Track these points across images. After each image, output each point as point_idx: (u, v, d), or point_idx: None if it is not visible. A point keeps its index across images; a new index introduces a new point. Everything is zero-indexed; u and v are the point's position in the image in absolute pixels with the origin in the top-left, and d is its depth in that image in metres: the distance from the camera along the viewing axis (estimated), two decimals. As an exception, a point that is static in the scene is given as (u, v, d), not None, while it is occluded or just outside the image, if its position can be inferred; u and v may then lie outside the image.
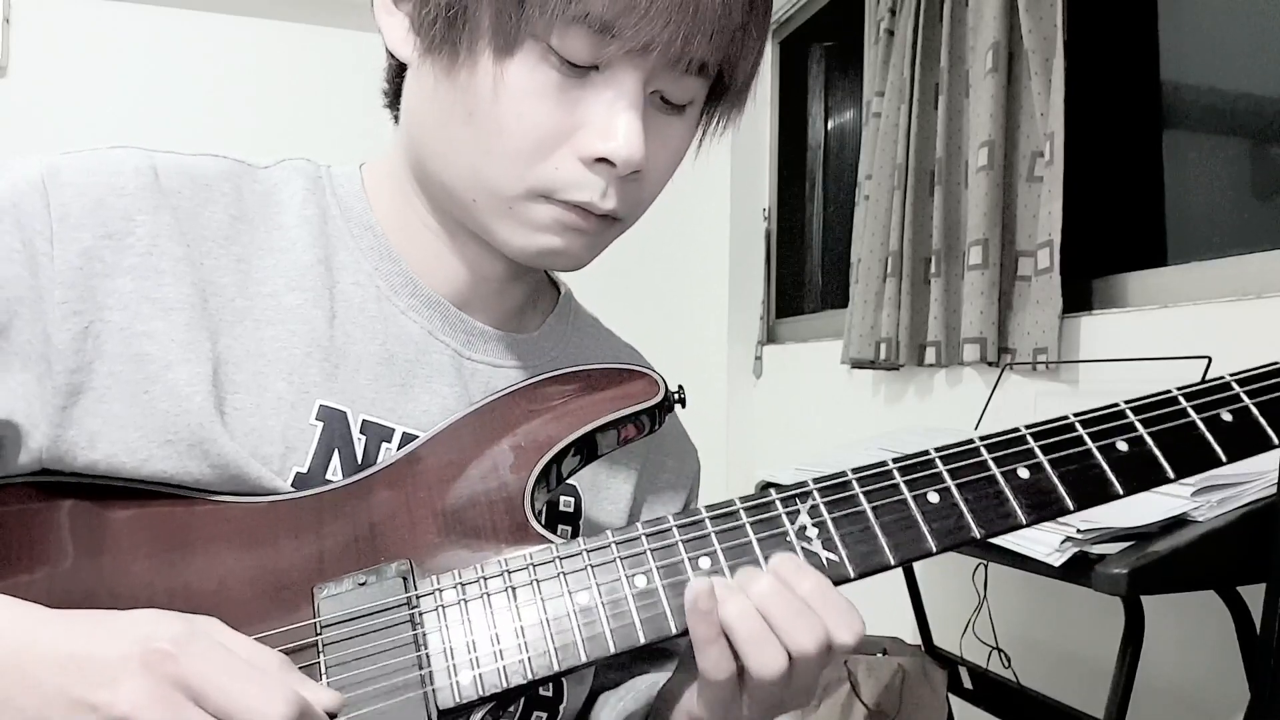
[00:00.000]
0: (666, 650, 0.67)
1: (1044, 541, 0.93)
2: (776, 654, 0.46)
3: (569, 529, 0.62)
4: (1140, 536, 0.93)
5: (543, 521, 0.52)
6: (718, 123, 0.58)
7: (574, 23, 0.48)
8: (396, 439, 0.56)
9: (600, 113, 0.50)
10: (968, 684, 1.66)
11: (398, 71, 0.58)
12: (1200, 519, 0.93)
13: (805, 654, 0.46)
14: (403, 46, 0.54)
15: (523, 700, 0.58)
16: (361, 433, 0.55)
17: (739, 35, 0.51)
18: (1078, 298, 1.61)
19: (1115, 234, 1.71)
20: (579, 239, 0.54)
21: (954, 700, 1.64)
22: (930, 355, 1.82)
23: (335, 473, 0.54)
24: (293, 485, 0.52)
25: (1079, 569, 0.91)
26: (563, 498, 0.62)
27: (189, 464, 0.50)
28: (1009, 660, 1.61)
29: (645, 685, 0.64)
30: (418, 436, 0.55)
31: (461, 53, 0.50)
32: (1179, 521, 0.93)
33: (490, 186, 0.53)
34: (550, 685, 0.59)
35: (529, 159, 0.51)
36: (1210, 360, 1.20)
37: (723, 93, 0.56)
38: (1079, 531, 0.92)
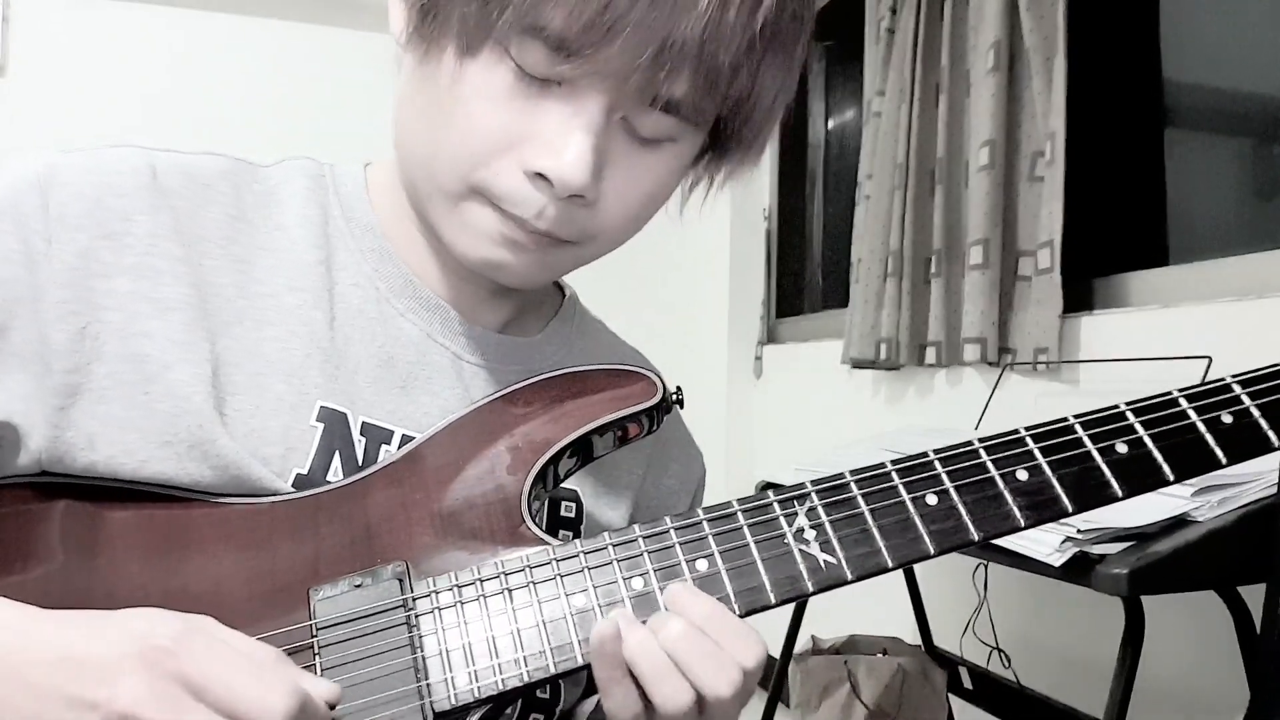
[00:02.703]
0: None
1: (1044, 541, 0.93)
2: (681, 687, 0.44)
3: (569, 534, 0.61)
4: (1140, 537, 0.93)
5: (543, 526, 0.52)
6: (724, 176, 0.56)
7: (530, 34, 0.47)
8: (396, 441, 0.56)
9: (551, 129, 0.48)
10: (968, 684, 1.66)
11: None
12: (1200, 519, 0.93)
13: (720, 697, 0.45)
14: (396, 28, 0.54)
15: (519, 701, 0.58)
16: (362, 434, 0.55)
17: (732, 79, 0.48)
18: (1079, 297, 1.61)
19: (1116, 234, 1.70)
20: (522, 255, 0.52)
21: (954, 700, 1.64)
22: (931, 355, 1.82)
23: (336, 474, 0.53)
24: (293, 486, 0.52)
25: (1079, 569, 0.91)
26: (564, 502, 0.61)
27: (189, 465, 0.50)
28: (1009, 660, 1.60)
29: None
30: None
31: (430, 46, 0.50)
32: (1179, 522, 0.93)
33: (436, 180, 0.52)
34: (547, 687, 0.59)
35: (472, 160, 0.50)
36: (1211, 360, 1.20)
37: (724, 141, 0.53)
38: (1079, 532, 0.92)
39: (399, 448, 0.55)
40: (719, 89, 0.49)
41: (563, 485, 0.59)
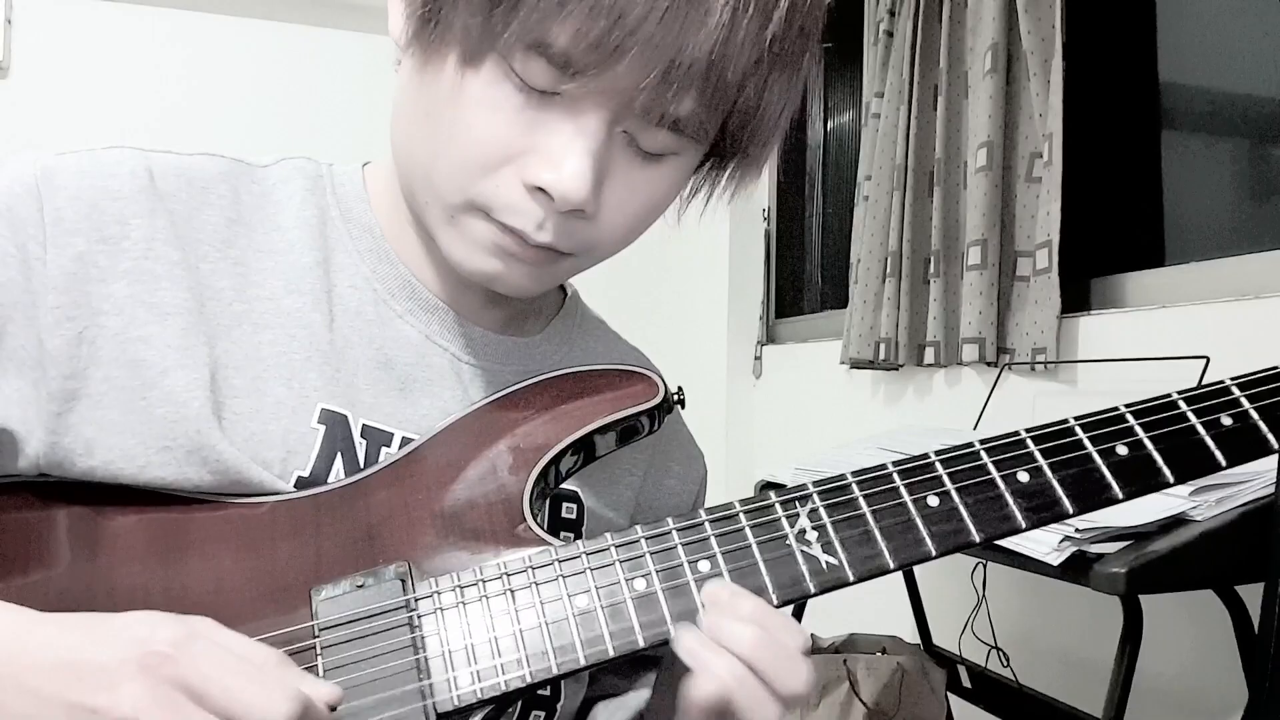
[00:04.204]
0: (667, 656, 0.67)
1: (1043, 541, 0.93)
2: (775, 711, 0.45)
3: (571, 536, 0.61)
4: (1138, 536, 0.93)
5: (545, 528, 0.52)
6: (725, 186, 0.55)
7: (535, 50, 0.46)
8: (396, 444, 0.56)
9: (553, 143, 0.48)
10: (967, 683, 1.66)
11: None
12: (1198, 518, 0.93)
13: (797, 696, 0.45)
14: (395, 30, 0.53)
15: (520, 701, 0.58)
16: (362, 437, 0.55)
17: (738, 95, 0.48)
18: (1076, 298, 1.61)
19: (1114, 234, 1.71)
20: (519, 266, 0.52)
21: (953, 699, 1.64)
22: (929, 355, 1.82)
23: (338, 476, 0.53)
24: (295, 489, 0.52)
25: (1077, 568, 0.91)
26: (564, 504, 0.61)
27: (188, 470, 0.50)
28: (1008, 659, 1.61)
29: (636, 700, 0.64)
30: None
31: (430, 54, 0.49)
32: (1177, 521, 0.93)
33: (436, 191, 0.51)
34: (548, 685, 0.59)
35: (472, 172, 0.49)
36: (1208, 360, 1.20)
37: (727, 154, 0.53)
38: (1077, 531, 0.92)
39: (399, 449, 0.55)
40: (724, 105, 0.48)
41: (564, 487, 0.59)
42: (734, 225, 2.77)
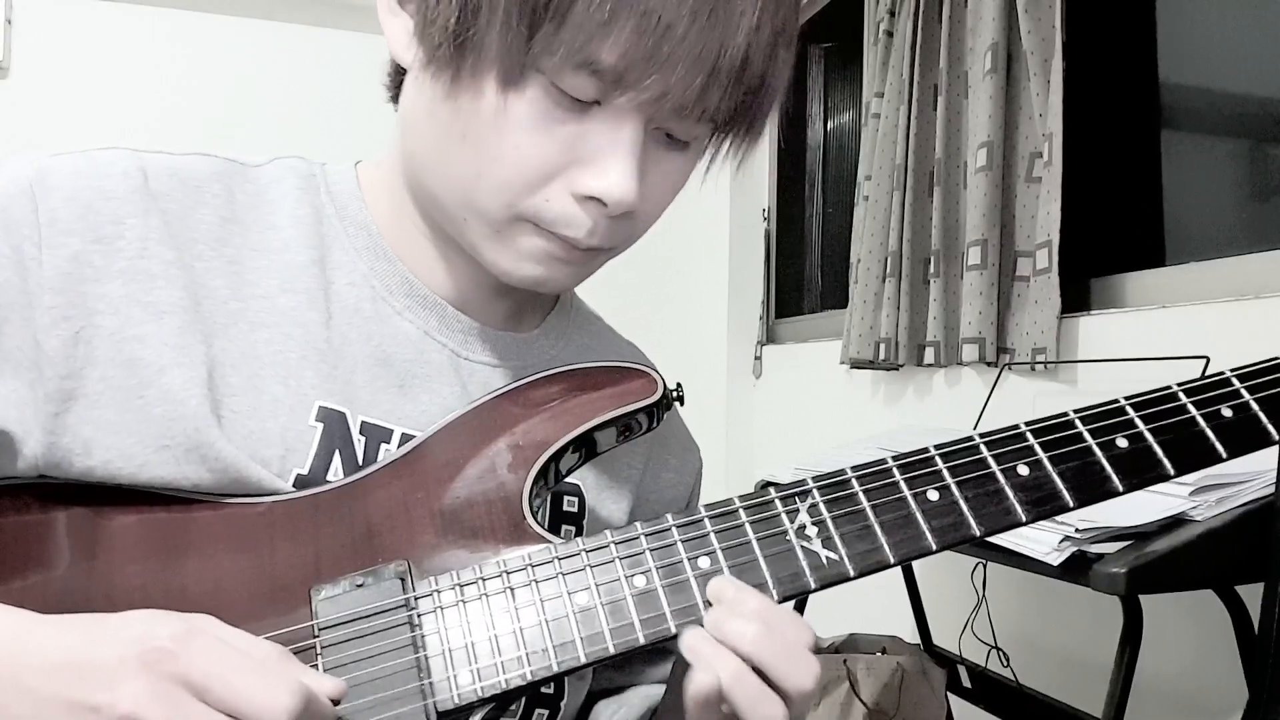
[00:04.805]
0: (666, 650, 0.67)
1: (1042, 540, 0.93)
2: (777, 708, 0.45)
3: (572, 529, 0.62)
4: (1138, 536, 0.93)
5: (545, 522, 0.52)
6: (728, 152, 0.57)
7: (581, 68, 0.47)
8: (395, 440, 0.56)
9: (598, 151, 0.50)
10: (966, 683, 1.66)
11: (400, 69, 0.57)
12: (1198, 518, 0.93)
13: (804, 692, 0.45)
14: (405, 52, 0.53)
15: (524, 699, 0.58)
16: (361, 434, 0.55)
17: (757, 85, 0.50)
18: (1076, 298, 1.61)
19: (1114, 234, 1.71)
20: (564, 268, 0.54)
21: (953, 699, 1.64)
22: (929, 355, 1.82)
23: (336, 474, 0.53)
24: (294, 487, 0.52)
25: (1077, 568, 0.91)
26: (566, 498, 0.62)
27: (187, 469, 0.49)
28: (1008, 659, 1.61)
29: (640, 698, 0.64)
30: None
31: (465, 76, 0.49)
32: (1177, 521, 0.93)
33: (479, 209, 0.52)
34: (551, 683, 0.59)
35: (521, 189, 0.51)
36: (1208, 360, 1.20)
37: (734, 126, 0.55)
38: (1077, 530, 0.92)
39: (399, 446, 0.55)
40: (750, 94, 0.51)
41: (565, 481, 0.59)
42: (734, 225, 2.77)
